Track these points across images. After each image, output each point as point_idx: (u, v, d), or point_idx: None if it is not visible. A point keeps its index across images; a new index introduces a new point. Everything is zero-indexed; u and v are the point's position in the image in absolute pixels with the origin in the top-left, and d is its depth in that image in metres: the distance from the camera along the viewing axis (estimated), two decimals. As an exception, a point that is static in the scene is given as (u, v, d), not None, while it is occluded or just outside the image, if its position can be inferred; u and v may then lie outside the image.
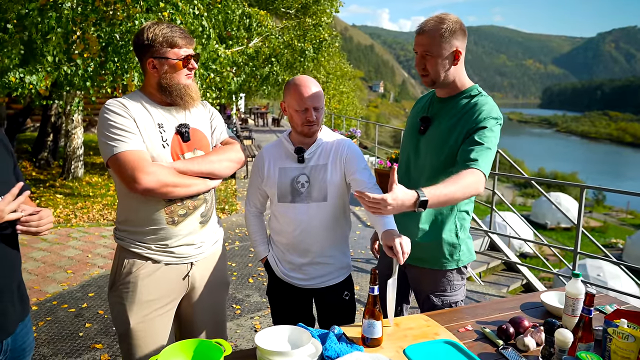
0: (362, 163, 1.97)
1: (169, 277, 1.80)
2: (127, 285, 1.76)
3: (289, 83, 1.95)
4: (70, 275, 4.50)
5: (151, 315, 1.77)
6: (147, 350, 1.77)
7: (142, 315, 1.76)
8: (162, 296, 1.79)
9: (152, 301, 1.77)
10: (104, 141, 1.67)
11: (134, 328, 1.75)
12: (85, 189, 8.27)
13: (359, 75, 34.21)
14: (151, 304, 1.77)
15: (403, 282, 2.09)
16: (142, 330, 1.76)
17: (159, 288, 1.78)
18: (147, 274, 1.76)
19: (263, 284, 4.38)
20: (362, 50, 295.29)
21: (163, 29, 1.72)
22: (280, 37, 9.49)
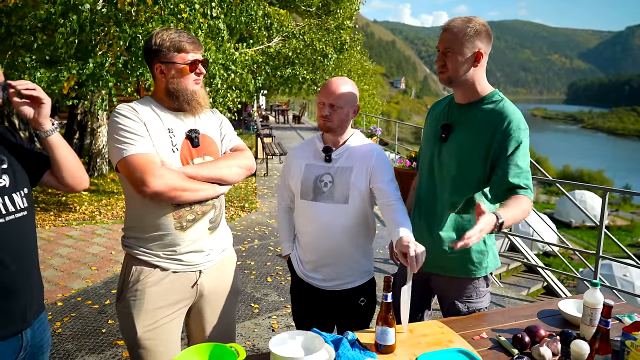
0: (389, 174, 1.97)
1: (177, 285, 1.78)
2: (134, 293, 1.74)
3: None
4: (94, 272, 4.62)
5: (158, 322, 1.76)
6: (154, 356, 1.76)
7: (149, 324, 1.74)
8: (170, 304, 1.78)
9: (160, 309, 1.76)
10: (113, 144, 1.68)
11: (141, 337, 1.73)
12: (109, 185, 8.46)
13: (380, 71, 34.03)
14: (158, 312, 1.76)
15: (425, 288, 2.08)
16: (150, 339, 1.75)
17: (166, 296, 1.76)
18: (154, 281, 1.74)
19: (281, 283, 4.42)
20: (384, 46, 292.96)
21: (171, 34, 1.74)
22: (300, 37, 9.49)
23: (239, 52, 6.96)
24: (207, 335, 1.94)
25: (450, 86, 1.92)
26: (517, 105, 1.88)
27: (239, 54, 6.81)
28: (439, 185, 1.96)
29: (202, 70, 1.78)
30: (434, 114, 2.09)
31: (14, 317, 1.46)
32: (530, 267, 5.71)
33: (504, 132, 1.79)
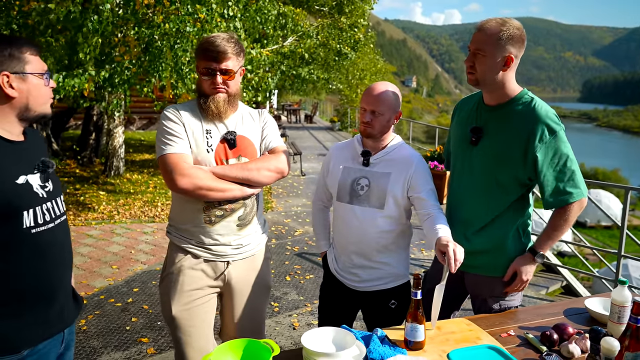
0: (429, 183, 1.97)
1: (207, 272, 1.94)
2: (172, 276, 1.93)
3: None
4: (115, 271, 4.70)
5: (192, 303, 1.92)
6: (189, 337, 1.94)
7: (184, 303, 1.91)
8: (201, 287, 1.94)
9: (193, 291, 1.92)
10: (157, 144, 1.87)
11: (176, 315, 1.91)
12: (126, 185, 8.57)
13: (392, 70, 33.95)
14: (192, 294, 1.92)
15: (459, 289, 2.09)
16: (184, 318, 1.92)
17: (199, 280, 1.93)
18: (188, 266, 1.92)
19: (300, 282, 4.46)
20: (395, 44, 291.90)
21: (207, 40, 1.83)
22: (314, 37, 9.52)
23: (255, 52, 7.00)
24: (237, 326, 2.05)
25: (478, 87, 1.93)
26: None
27: (255, 53, 6.85)
28: (472, 188, 1.97)
29: (218, 80, 1.82)
30: (462, 115, 2.08)
31: (63, 313, 1.54)
32: (548, 267, 5.68)
33: (540, 137, 1.79)
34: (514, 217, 1.94)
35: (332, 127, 21.58)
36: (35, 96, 1.44)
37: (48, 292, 1.48)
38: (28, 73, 1.41)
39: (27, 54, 1.42)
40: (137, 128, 17.97)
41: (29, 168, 1.44)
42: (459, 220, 1.99)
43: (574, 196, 1.83)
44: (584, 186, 1.86)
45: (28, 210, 1.40)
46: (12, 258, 1.39)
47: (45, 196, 1.47)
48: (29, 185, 1.42)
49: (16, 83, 1.39)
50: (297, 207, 7.47)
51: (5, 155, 1.39)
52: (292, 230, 6.19)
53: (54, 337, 1.51)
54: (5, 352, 1.36)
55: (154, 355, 3.15)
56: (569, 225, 1.88)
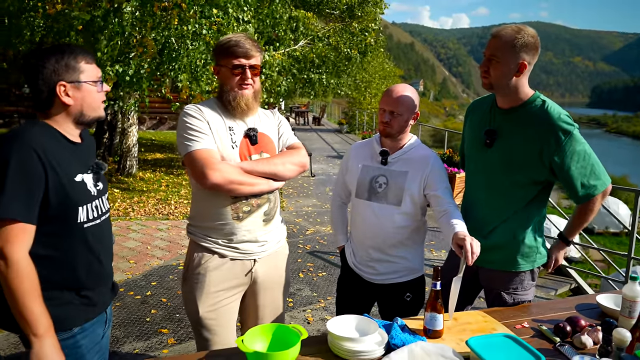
0: (445, 182, 2.06)
1: (234, 271, 1.94)
2: (197, 277, 1.92)
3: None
4: (133, 265, 4.82)
5: (219, 304, 1.93)
6: (216, 336, 1.94)
7: (210, 304, 1.91)
8: (228, 288, 1.94)
9: (220, 292, 1.93)
10: (181, 141, 1.86)
11: (203, 316, 1.91)
12: (139, 184, 8.71)
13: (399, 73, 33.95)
14: (218, 294, 1.93)
15: (473, 285, 2.17)
16: (211, 319, 1.92)
17: (224, 280, 1.93)
18: (214, 266, 1.91)
19: (313, 279, 4.55)
20: (402, 48, 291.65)
21: (230, 38, 1.88)
22: (325, 40, 9.63)
23: (268, 55, 7.11)
24: (259, 321, 2.08)
25: (491, 91, 2.01)
26: None
27: (268, 56, 6.97)
28: (487, 188, 2.05)
29: (248, 75, 1.88)
30: (475, 118, 2.16)
31: (105, 297, 1.69)
32: (557, 269, 5.73)
33: (556, 140, 1.87)
34: (529, 214, 2.02)
35: (340, 130, 21.68)
36: (89, 103, 1.54)
37: (94, 279, 1.61)
38: (82, 82, 1.51)
39: (82, 63, 1.51)
40: (147, 128, 18.16)
41: (84, 168, 1.56)
42: (474, 219, 2.07)
43: (598, 188, 1.93)
44: (605, 175, 1.96)
45: (83, 206, 1.53)
46: (67, 249, 1.52)
47: (95, 194, 1.59)
48: (84, 183, 1.54)
49: (72, 92, 1.50)
50: (308, 207, 7.57)
51: (68, 155, 1.51)
52: (304, 229, 6.29)
53: (98, 317, 1.65)
54: (60, 330, 1.48)
55: (175, 346, 3.26)
56: (595, 214, 2.00)
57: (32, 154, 1.39)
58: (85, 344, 1.59)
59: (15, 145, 1.38)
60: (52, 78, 1.47)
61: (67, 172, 1.48)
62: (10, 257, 1.35)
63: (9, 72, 9.87)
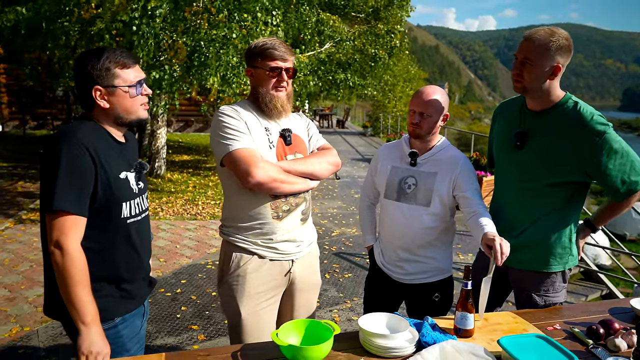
0: (474, 183, 2.07)
1: (273, 272, 1.96)
2: (236, 278, 1.92)
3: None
4: (163, 263, 4.94)
5: (259, 306, 1.94)
6: (255, 339, 1.92)
7: (252, 307, 1.92)
8: (268, 289, 1.95)
9: (260, 294, 1.94)
10: (218, 141, 1.86)
11: (245, 319, 1.91)
12: (167, 185, 8.90)
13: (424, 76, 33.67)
14: (259, 296, 1.93)
15: (503, 286, 2.17)
16: (252, 321, 1.93)
17: (264, 282, 1.94)
18: (254, 268, 1.92)
19: (339, 280, 4.58)
20: (427, 51, 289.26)
21: (265, 42, 1.92)
22: (351, 42, 9.67)
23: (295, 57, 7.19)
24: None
25: (524, 94, 2.01)
26: None
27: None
28: (518, 190, 2.05)
29: (284, 77, 1.92)
30: (504, 120, 2.16)
31: (143, 290, 1.77)
32: (588, 275, 5.61)
33: (591, 141, 1.86)
34: (563, 215, 2.01)
35: (364, 133, 21.65)
36: (124, 107, 1.60)
37: (134, 273, 1.69)
38: (116, 87, 1.57)
39: (117, 68, 1.56)
40: (174, 130, 18.50)
41: (128, 166, 1.64)
42: (504, 221, 2.07)
43: (634, 188, 1.92)
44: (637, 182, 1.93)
45: (126, 202, 1.61)
46: (111, 242, 1.60)
47: (137, 192, 1.67)
48: (127, 181, 1.62)
49: (107, 96, 1.57)
50: (333, 209, 7.61)
51: (114, 153, 1.59)
52: (329, 231, 6.33)
53: (137, 309, 1.73)
54: (103, 320, 1.56)
55: (205, 342, 3.34)
56: (629, 209, 2.02)
57: (84, 150, 1.47)
58: (126, 333, 1.67)
59: (67, 142, 1.46)
60: (88, 82, 1.54)
61: (113, 169, 1.56)
62: (65, 247, 1.43)
63: (43, 75, 10.20)
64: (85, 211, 1.50)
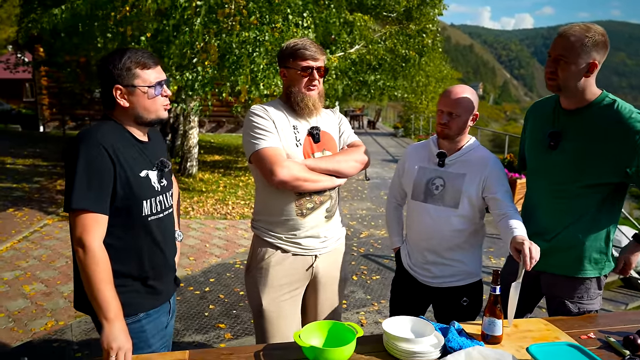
0: (505, 185, 2.01)
1: (295, 266, 2.01)
2: (260, 270, 2.01)
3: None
4: (192, 262, 5.02)
5: (281, 298, 2.01)
6: (277, 328, 2.01)
7: (273, 297, 1.99)
8: (290, 282, 2.01)
9: (282, 286, 2.00)
10: (248, 140, 1.94)
11: (265, 308, 1.99)
12: (198, 184, 9.05)
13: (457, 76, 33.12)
14: (281, 288, 2.00)
15: (534, 292, 2.10)
16: (273, 311, 2.00)
17: (287, 275, 2.00)
18: (277, 261, 1.99)
19: (367, 282, 4.54)
20: (461, 50, 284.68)
21: (296, 42, 1.96)
22: (382, 43, 9.59)
23: (325, 59, 7.19)
24: (318, 316, 2.14)
25: (559, 93, 1.93)
26: None
27: (325, 60, 7.04)
28: (551, 191, 1.97)
29: (316, 76, 1.95)
30: (537, 120, 2.09)
31: (169, 287, 1.79)
32: (628, 282, 5.38)
33: (632, 141, 1.77)
34: (599, 218, 1.92)
35: (395, 134, 21.47)
36: (143, 106, 1.62)
37: (158, 269, 1.72)
38: (135, 86, 1.59)
39: (137, 68, 1.59)
40: (206, 130, 18.84)
41: (150, 165, 1.67)
42: (537, 224, 2.00)
43: None
44: None
45: (147, 200, 1.63)
46: (133, 240, 1.63)
47: (159, 190, 1.69)
48: (148, 179, 1.65)
49: (127, 95, 1.60)
50: (362, 211, 7.56)
51: (134, 152, 1.62)
52: (358, 233, 6.29)
53: (162, 306, 1.75)
54: (127, 315, 1.60)
55: (231, 340, 3.37)
56: None
57: (102, 150, 1.50)
58: (149, 329, 1.69)
59: (86, 143, 1.50)
60: (110, 81, 1.58)
61: (132, 167, 1.59)
62: (87, 244, 1.47)
63: (81, 77, 10.56)
64: (106, 209, 1.53)
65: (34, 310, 3.78)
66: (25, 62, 11.70)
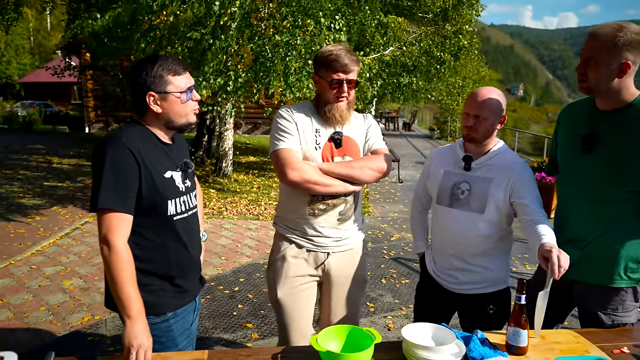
0: (533, 190, 1.94)
1: (309, 261, 2.10)
2: (277, 262, 2.12)
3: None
4: (224, 261, 5.10)
5: (296, 289, 2.09)
6: (292, 317, 2.11)
7: (288, 288, 2.09)
8: (303, 275, 2.10)
9: (297, 277, 2.09)
10: (271, 140, 2.04)
11: (281, 298, 2.09)
12: (233, 185, 9.20)
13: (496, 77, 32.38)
14: (295, 280, 2.09)
15: (564, 301, 2.02)
16: (288, 302, 2.09)
17: (300, 268, 2.09)
18: (292, 255, 2.09)
19: (396, 285, 4.49)
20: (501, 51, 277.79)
21: (332, 52, 1.97)
22: (417, 45, 9.48)
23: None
24: (333, 315, 2.19)
25: (590, 95, 1.86)
26: None
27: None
28: (585, 197, 1.89)
29: (344, 89, 1.98)
30: (570, 122, 2.00)
31: (194, 286, 1.83)
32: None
33: None
34: (635, 225, 1.82)
35: (430, 136, 21.18)
36: (175, 112, 1.67)
37: (184, 269, 1.75)
38: (168, 93, 1.64)
39: (169, 75, 1.63)
40: (242, 132, 19.13)
41: (174, 166, 1.71)
42: (570, 231, 1.92)
43: None
44: None
45: (172, 200, 1.68)
46: (159, 239, 1.68)
47: (183, 190, 1.74)
48: (173, 179, 1.69)
49: (160, 101, 1.64)
50: (394, 213, 7.49)
51: (159, 154, 1.67)
52: (389, 235, 6.24)
53: (188, 305, 1.79)
54: (156, 314, 1.66)
55: (258, 340, 3.40)
56: None
57: (127, 152, 1.55)
58: (176, 328, 1.73)
59: (112, 145, 1.56)
60: (143, 88, 1.62)
61: (157, 168, 1.63)
62: (112, 243, 1.51)
63: (125, 81, 10.94)
64: (131, 209, 1.57)
65: (72, 305, 3.94)
66: (72, 67, 12.21)
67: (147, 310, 1.59)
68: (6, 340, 3.35)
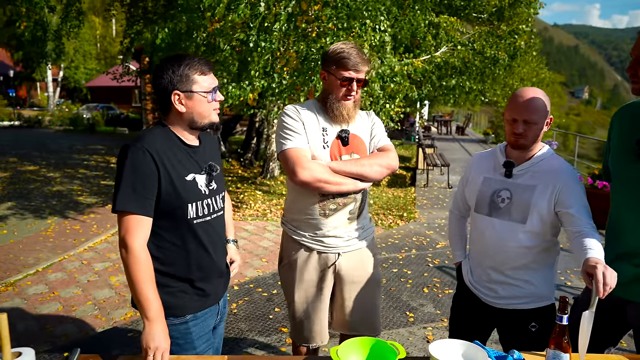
0: (580, 198, 1.77)
1: (319, 263, 2.10)
2: (289, 267, 2.14)
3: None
4: (264, 264, 5.11)
5: (309, 292, 2.12)
6: (307, 318, 2.14)
7: (301, 293, 2.12)
8: (316, 279, 2.11)
9: (309, 280, 2.11)
10: (277, 139, 2.03)
11: (297, 300, 2.13)
12: (279, 187, 9.26)
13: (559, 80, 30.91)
14: (308, 283, 2.11)
15: (617, 320, 1.84)
16: (304, 303, 2.13)
17: (312, 271, 2.10)
18: (303, 260, 2.10)
19: (438, 295, 4.32)
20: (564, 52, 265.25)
21: (343, 50, 1.96)
22: (470, 45, 9.15)
23: (402, 62, 7.01)
24: (348, 318, 2.16)
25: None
26: None
27: (399, 64, 6.86)
28: (634, 211, 1.71)
29: (353, 88, 1.97)
30: (624, 125, 1.82)
31: (217, 290, 1.80)
32: None
33: None
34: None
35: (485, 140, 20.46)
36: (199, 111, 1.65)
37: (205, 272, 1.73)
38: (194, 92, 1.62)
39: (195, 74, 1.62)
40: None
41: (197, 168, 1.68)
42: (623, 245, 1.74)
43: None
44: None
45: (192, 203, 1.65)
46: (179, 242, 1.66)
47: (207, 193, 1.70)
48: (195, 182, 1.66)
49: (185, 100, 1.63)
50: (441, 220, 7.25)
51: (182, 156, 1.65)
52: (434, 243, 6.03)
53: (210, 308, 1.76)
54: (175, 316, 1.65)
55: (291, 346, 3.35)
56: None
57: (147, 155, 1.54)
58: (195, 331, 1.71)
59: (132, 148, 1.56)
60: (168, 87, 1.61)
61: (178, 171, 1.61)
62: (130, 245, 1.51)
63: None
64: (150, 212, 1.56)
65: (116, 300, 4.06)
66: (130, 72, 12.79)
67: (167, 311, 1.58)
68: (53, 332, 3.49)
